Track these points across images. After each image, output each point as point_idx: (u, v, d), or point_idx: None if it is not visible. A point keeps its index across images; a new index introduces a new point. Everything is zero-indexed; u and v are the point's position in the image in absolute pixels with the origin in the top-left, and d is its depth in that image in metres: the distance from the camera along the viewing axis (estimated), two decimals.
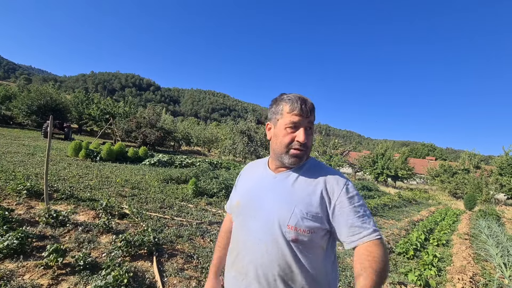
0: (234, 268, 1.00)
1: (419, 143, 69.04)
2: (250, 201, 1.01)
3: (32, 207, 4.01)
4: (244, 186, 1.10)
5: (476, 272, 4.45)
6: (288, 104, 0.94)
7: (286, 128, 0.94)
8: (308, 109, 0.94)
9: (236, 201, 1.06)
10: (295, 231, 0.88)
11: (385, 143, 31.67)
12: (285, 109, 0.95)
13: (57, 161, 8.53)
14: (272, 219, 0.91)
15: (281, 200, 0.94)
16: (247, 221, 0.99)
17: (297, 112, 0.93)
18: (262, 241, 0.92)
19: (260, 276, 0.91)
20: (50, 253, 2.50)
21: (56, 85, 43.87)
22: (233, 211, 1.07)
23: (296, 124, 0.93)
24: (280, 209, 0.92)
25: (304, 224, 0.88)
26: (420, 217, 9.63)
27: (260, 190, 1.01)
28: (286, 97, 0.97)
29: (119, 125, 21.76)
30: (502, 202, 23.01)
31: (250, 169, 1.16)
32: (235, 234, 1.05)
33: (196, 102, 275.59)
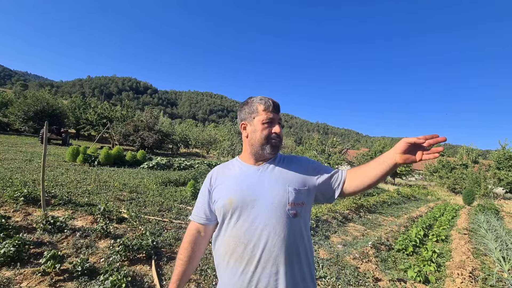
0: (243, 263, 1.00)
1: None
2: (244, 194, 1.05)
3: (30, 213, 3.99)
4: (230, 185, 1.11)
5: (475, 267, 4.47)
6: (262, 104, 1.11)
7: (264, 124, 1.09)
8: (278, 107, 1.14)
9: (227, 199, 1.06)
10: (294, 206, 1.03)
11: (383, 140, 31.79)
12: (259, 108, 1.11)
13: (55, 166, 8.50)
14: (273, 202, 1.02)
15: (274, 185, 1.05)
16: (247, 213, 1.03)
17: (271, 110, 1.11)
18: (269, 225, 1.00)
19: (275, 258, 0.99)
20: (47, 260, 2.49)
21: (52, 90, 43.76)
22: (226, 209, 1.06)
23: (271, 120, 1.10)
24: (277, 192, 1.03)
25: (299, 198, 1.05)
26: (419, 213, 9.66)
27: (249, 183, 1.08)
28: (258, 98, 1.14)
29: (117, 129, 21.71)
30: (500, 196, 23.12)
31: (223, 171, 1.19)
32: (232, 232, 1.05)
33: (194, 104, 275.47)
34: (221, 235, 1.10)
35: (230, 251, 1.04)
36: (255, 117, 1.11)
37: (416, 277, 3.68)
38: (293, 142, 48.92)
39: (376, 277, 3.54)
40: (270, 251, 0.99)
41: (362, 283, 3.32)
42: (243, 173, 1.12)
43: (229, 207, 1.05)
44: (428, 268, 4.14)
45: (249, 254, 1.00)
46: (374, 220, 7.71)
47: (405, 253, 4.85)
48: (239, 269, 1.01)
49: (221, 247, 1.08)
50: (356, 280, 3.35)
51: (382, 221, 7.81)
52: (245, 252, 1.00)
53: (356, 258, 4.07)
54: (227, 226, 1.08)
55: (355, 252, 4.29)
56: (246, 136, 1.15)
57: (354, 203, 8.37)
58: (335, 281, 3.24)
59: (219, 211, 1.10)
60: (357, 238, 5.58)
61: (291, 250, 1.02)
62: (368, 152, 30.21)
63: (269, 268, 0.98)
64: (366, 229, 6.47)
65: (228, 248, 1.05)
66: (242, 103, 1.19)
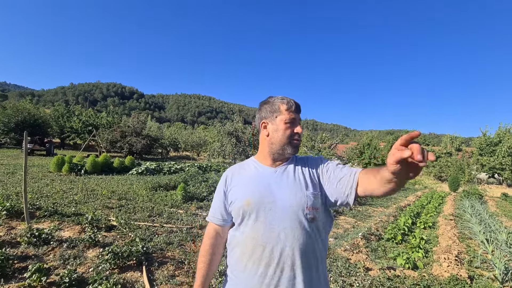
0: (261, 265, 1.00)
1: (403, 131, 71.04)
2: (262, 196, 1.04)
3: (13, 227, 3.86)
4: (246, 186, 1.10)
5: (461, 250, 4.64)
6: (284, 103, 1.12)
7: (286, 123, 1.10)
8: (299, 107, 1.15)
9: (245, 200, 1.05)
10: (313, 211, 1.02)
11: (370, 133, 32.39)
12: (282, 108, 1.11)
13: (39, 178, 8.24)
14: (292, 205, 1.02)
15: (293, 188, 1.05)
16: (264, 215, 1.02)
17: (294, 110, 1.12)
18: (287, 228, 1.00)
19: (293, 262, 0.99)
20: (32, 273, 2.42)
21: (34, 100, 42.35)
22: (243, 211, 1.05)
23: (293, 120, 1.11)
24: (296, 196, 1.03)
25: (317, 202, 1.05)
26: (407, 202, 9.93)
27: (267, 184, 1.07)
28: (280, 98, 1.15)
29: (103, 136, 21.25)
30: (484, 181, 24.02)
31: (239, 171, 1.18)
32: (250, 233, 1.04)
33: (182, 106, 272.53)
34: (237, 236, 1.08)
35: (248, 252, 1.03)
36: (277, 116, 1.11)
37: (405, 264, 3.79)
38: None
39: (366, 267, 3.62)
40: (289, 255, 0.99)
41: (353, 273, 3.39)
42: (260, 174, 1.12)
43: (246, 208, 1.04)
44: (416, 254, 4.27)
45: (268, 256, 0.99)
46: (364, 212, 7.87)
47: (395, 242, 4.98)
48: (257, 271, 1.00)
49: (238, 248, 1.07)
50: (347, 271, 3.42)
51: (372, 212, 7.98)
52: (264, 255, 1.00)
53: (347, 249, 4.15)
54: (244, 227, 1.06)
55: (346, 244, 4.37)
56: (266, 135, 1.14)
57: None
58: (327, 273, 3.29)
59: (236, 212, 1.08)
60: (348, 230, 5.69)
61: (309, 255, 1.02)
62: (356, 145, 30.68)
63: (287, 272, 0.98)
64: (357, 221, 6.60)
65: (246, 249, 1.03)
66: (263, 102, 1.19)
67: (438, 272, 3.65)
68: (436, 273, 3.63)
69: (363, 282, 3.15)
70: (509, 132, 22.49)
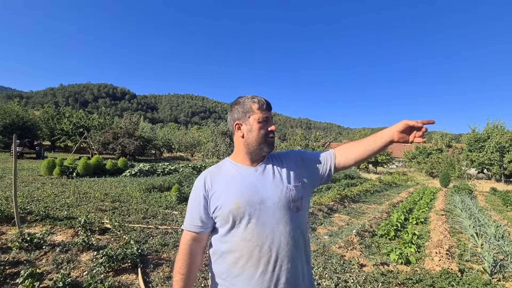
0: (261, 264, 1.00)
1: None
2: (250, 196, 1.04)
3: (4, 233, 3.79)
4: (231, 189, 1.08)
5: (452, 245, 4.75)
6: (256, 103, 1.13)
7: (260, 122, 1.11)
8: (270, 105, 1.17)
9: (233, 204, 1.03)
10: (297, 202, 1.09)
11: (363, 131, 32.77)
12: (254, 107, 1.12)
13: (30, 181, 8.09)
14: (280, 201, 1.05)
15: (276, 184, 1.08)
16: (256, 215, 1.03)
17: (265, 108, 1.13)
18: (280, 223, 1.04)
19: (289, 254, 1.03)
20: (25, 279, 2.38)
21: (22, 101, 41.38)
22: (234, 215, 1.02)
23: (266, 119, 1.12)
24: (281, 191, 1.07)
25: (299, 193, 1.11)
26: (400, 199, 10.09)
27: (252, 184, 1.08)
28: (250, 97, 1.15)
29: (95, 137, 20.94)
30: (473, 176, 24.58)
31: (218, 174, 1.14)
32: (244, 236, 1.02)
33: (175, 107, 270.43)
34: (227, 242, 1.05)
35: (245, 256, 1.01)
36: (250, 116, 1.12)
37: (398, 260, 3.86)
38: (277, 139, 49.33)
39: (361, 263, 3.68)
40: (285, 249, 1.02)
41: (348, 270, 3.44)
42: (242, 175, 1.10)
43: (236, 212, 1.02)
44: (409, 250, 4.35)
45: (266, 255, 1.01)
46: (358, 209, 7.97)
47: (388, 238, 5.06)
48: (257, 271, 0.99)
49: (230, 254, 1.04)
50: (342, 268, 3.46)
51: (365, 209, 8.09)
52: (262, 254, 1.00)
53: (342, 246, 4.20)
54: (235, 231, 1.04)
55: (340, 241, 4.42)
56: (241, 136, 1.13)
57: (338, 194, 8.61)
58: (322, 270, 3.34)
59: (225, 218, 1.04)
60: (342, 227, 5.76)
61: (299, 243, 1.08)
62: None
63: (286, 265, 1.02)
64: (351, 218, 6.68)
65: (242, 254, 1.01)
66: (233, 103, 1.18)
67: (430, 266, 3.74)
68: (428, 267, 3.71)
69: (357, 278, 3.20)
70: (497, 128, 23.07)
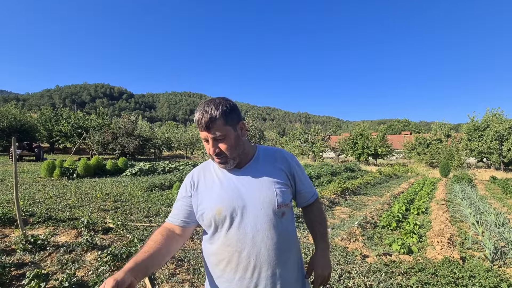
0: (239, 270, 0.99)
1: (394, 120, 71.97)
2: (232, 201, 1.02)
3: (7, 235, 3.80)
4: (214, 193, 1.06)
5: (453, 233, 4.78)
6: (196, 116, 1.03)
7: (203, 140, 1.08)
8: (208, 124, 0.98)
9: (216, 209, 1.01)
10: (283, 207, 1.05)
11: (362, 124, 32.74)
12: (195, 121, 1.04)
13: (30, 184, 8.08)
14: (263, 207, 1.02)
15: (261, 188, 1.04)
16: (237, 220, 1.01)
17: (200, 126, 1.01)
18: (260, 230, 1.00)
19: (269, 261, 1.00)
20: (31, 280, 2.40)
21: (19, 104, 41.16)
22: (215, 220, 1.02)
23: (205, 139, 1.03)
24: (265, 196, 1.03)
25: (285, 198, 1.06)
26: (400, 190, 10.13)
27: (235, 188, 1.05)
28: (199, 106, 1.03)
29: (94, 138, 20.90)
30: (473, 165, 24.68)
31: (204, 174, 1.13)
32: (224, 241, 1.02)
33: (173, 105, 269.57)
34: (212, 244, 1.06)
35: (225, 260, 1.02)
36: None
37: (400, 250, 3.89)
38: (277, 134, 49.32)
39: (363, 254, 3.71)
40: (265, 255, 0.99)
41: (351, 261, 3.47)
42: (226, 178, 1.08)
43: (218, 218, 1.01)
44: (410, 239, 4.38)
45: (245, 261, 0.99)
46: (360, 201, 8.00)
47: (390, 229, 5.10)
48: (235, 276, 1.00)
49: (213, 257, 1.05)
50: (345, 260, 3.49)
51: (367, 201, 8.13)
52: (240, 260, 0.99)
53: (344, 239, 4.23)
54: (218, 236, 1.04)
55: (343, 234, 4.45)
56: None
57: (339, 187, 8.63)
58: None
59: (207, 223, 1.04)
60: (344, 220, 5.79)
61: (284, 250, 1.03)
62: (349, 136, 31.04)
63: (265, 272, 0.99)
64: (352, 211, 6.72)
65: (222, 257, 1.02)
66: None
67: (432, 255, 3.77)
68: (430, 256, 3.74)
69: (360, 269, 3.23)
70: (496, 116, 23.08)
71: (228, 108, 1.01)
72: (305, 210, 1.27)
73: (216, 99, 1.03)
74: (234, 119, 1.03)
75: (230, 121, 1.01)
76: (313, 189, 1.24)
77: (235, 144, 1.03)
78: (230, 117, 1.01)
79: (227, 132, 1.00)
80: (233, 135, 1.02)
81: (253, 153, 1.14)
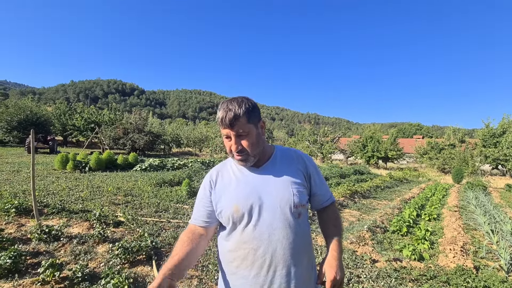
0: (254, 267, 1.01)
1: (406, 123, 70.60)
2: (249, 200, 1.04)
3: (23, 224, 3.92)
4: (232, 191, 1.08)
5: (466, 241, 4.65)
6: (219, 114, 1.05)
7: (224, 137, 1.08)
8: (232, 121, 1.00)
9: (233, 207, 1.04)
10: (299, 208, 1.05)
11: (373, 126, 32.29)
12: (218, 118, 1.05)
13: (45, 175, 8.31)
14: (280, 206, 1.03)
15: (279, 188, 1.05)
16: (254, 219, 1.03)
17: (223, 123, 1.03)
18: (277, 229, 1.01)
19: (285, 260, 1.01)
20: (46, 269, 2.47)
21: (35, 98, 42.44)
22: (233, 218, 1.04)
23: (226, 135, 1.05)
24: (283, 195, 1.04)
25: (302, 198, 1.07)
26: (411, 195, 9.93)
27: (253, 187, 1.06)
28: (221, 104, 1.06)
29: (106, 133, 21.33)
30: (487, 172, 23.93)
31: (222, 174, 1.15)
32: (240, 238, 1.04)
33: (183, 102, 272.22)
34: (228, 242, 1.08)
35: (240, 257, 1.03)
36: None
37: (411, 256, 3.81)
38: (285, 134, 49.17)
39: (373, 258, 3.65)
40: (280, 254, 1.00)
41: (360, 265, 3.42)
42: (244, 177, 1.10)
43: (236, 215, 1.03)
44: (422, 246, 4.29)
45: (260, 259, 1.00)
46: (369, 205, 7.89)
47: (400, 234, 5.00)
48: (250, 273, 1.01)
49: (229, 254, 1.07)
50: (354, 263, 3.45)
51: (376, 205, 8.00)
52: (256, 257, 1.01)
53: (353, 242, 4.18)
54: (235, 233, 1.06)
55: (351, 237, 4.40)
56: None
57: (348, 189, 8.53)
58: None
59: (226, 220, 1.07)
60: (353, 223, 5.72)
61: (299, 250, 1.04)
62: (359, 139, 30.63)
63: (280, 270, 1.00)
64: (361, 214, 6.63)
65: (237, 254, 1.04)
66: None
67: (444, 263, 3.68)
68: (442, 264, 3.65)
69: (370, 274, 3.18)
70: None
71: (250, 107, 1.03)
72: (320, 213, 1.26)
73: (238, 98, 1.05)
74: (256, 118, 1.06)
75: (252, 119, 1.03)
76: (329, 193, 1.23)
77: (256, 142, 1.06)
78: (253, 115, 1.04)
79: (249, 130, 1.03)
80: (255, 132, 1.05)
81: (271, 152, 1.16)
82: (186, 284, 2.70)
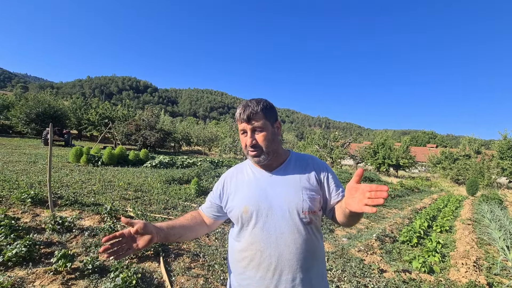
0: (260, 269, 1.02)
1: (419, 131, 68.93)
2: (258, 202, 1.05)
3: (38, 214, 4.05)
4: (243, 192, 1.11)
5: (479, 256, 4.50)
6: (237, 110, 1.11)
7: (240, 132, 1.12)
8: (249, 116, 1.05)
9: (243, 207, 1.07)
10: (310, 214, 1.04)
11: (385, 133, 31.68)
12: (236, 115, 1.10)
13: (59, 168, 8.57)
14: (288, 210, 1.03)
15: (289, 192, 1.05)
16: (262, 220, 1.04)
17: (241, 118, 1.08)
18: (285, 233, 1.01)
19: (291, 265, 1.00)
20: (58, 259, 2.54)
21: (53, 92, 43.71)
22: (242, 218, 1.07)
23: (242, 130, 1.09)
24: (292, 200, 1.03)
25: (313, 205, 1.05)
26: (423, 205, 9.68)
27: (263, 189, 1.08)
28: (241, 103, 1.12)
29: (119, 128, 21.78)
30: (504, 185, 23.05)
31: (236, 176, 1.19)
32: (248, 239, 1.06)
33: (194, 101, 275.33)
34: (238, 242, 1.10)
35: (248, 258, 1.05)
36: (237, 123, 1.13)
37: (421, 268, 3.71)
38: (295, 137, 48.92)
39: (381, 268, 3.58)
40: (287, 259, 1.00)
41: (367, 274, 3.36)
42: (256, 179, 1.12)
43: (244, 216, 1.06)
44: (432, 258, 4.17)
45: (266, 261, 1.01)
46: (378, 213, 7.74)
47: (410, 245, 4.88)
48: (256, 274, 1.03)
49: (238, 253, 1.09)
50: (361, 272, 3.39)
51: (386, 213, 7.84)
52: (262, 259, 1.02)
53: (361, 250, 4.11)
54: (244, 233, 1.08)
55: (360, 245, 4.33)
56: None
57: None
58: (341, 273, 3.28)
59: (235, 220, 1.11)
60: (361, 230, 5.62)
61: (307, 257, 1.03)
62: (370, 145, 30.13)
63: (285, 275, 1.00)
64: (370, 222, 6.51)
65: (246, 254, 1.06)
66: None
67: (456, 277, 3.56)
68: (453, 278, 3.54)
69: (377, 284, 3.12)
70: None
71: (268, 106, 1.09)
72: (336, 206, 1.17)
73: (256, 98, 1.11)
74: (273, 116, 1.10)
75: (268, 116, 1.08)
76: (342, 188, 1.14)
77: (272, 139, 1.09)
78: (269, 113, 1.09)
79: (265, 126, 1.07)
80: (270, 129, 1.09)
81: (285, 157, 1.17)
82: (192, 283, 2.72)
